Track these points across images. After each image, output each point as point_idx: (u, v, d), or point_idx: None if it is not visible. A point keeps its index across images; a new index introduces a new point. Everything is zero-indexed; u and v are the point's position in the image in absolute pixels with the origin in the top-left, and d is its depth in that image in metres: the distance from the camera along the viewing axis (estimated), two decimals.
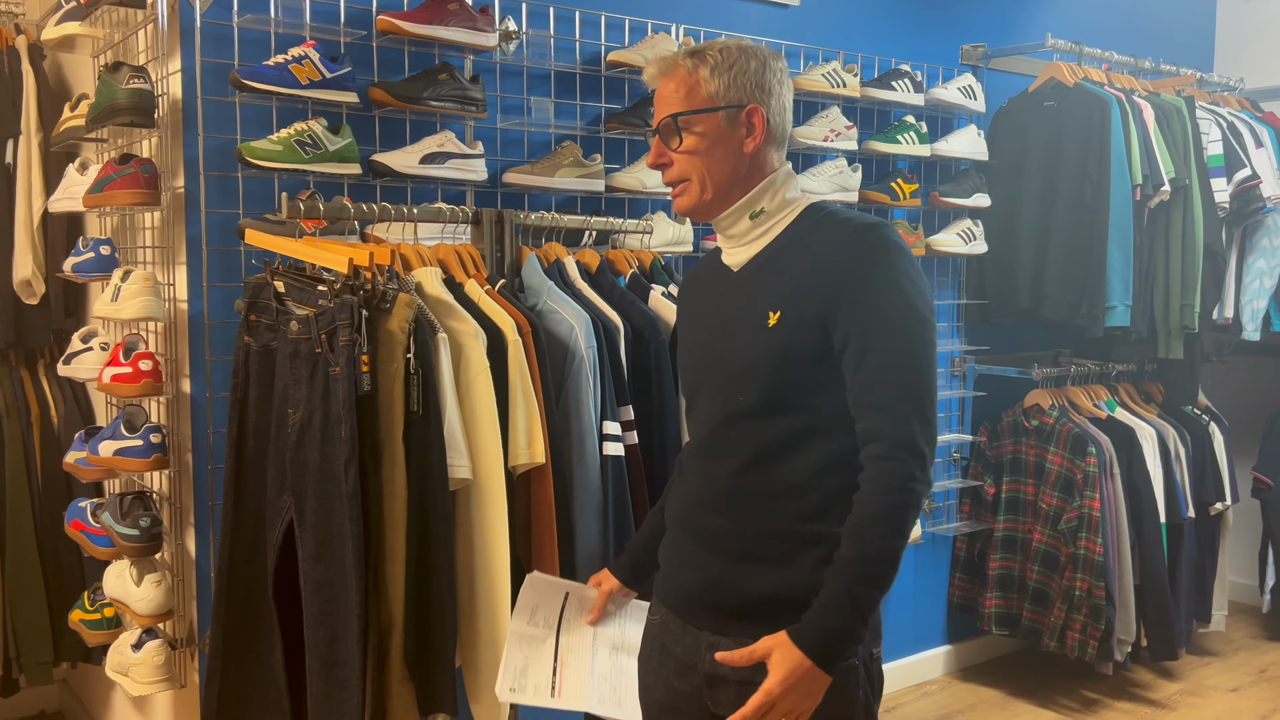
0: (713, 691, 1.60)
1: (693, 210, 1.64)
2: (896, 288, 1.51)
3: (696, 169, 1.61)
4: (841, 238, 1.55)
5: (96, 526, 2.49)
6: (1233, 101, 4.16)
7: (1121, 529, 3.60)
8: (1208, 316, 3.78)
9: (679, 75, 1.60)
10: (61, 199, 2.67)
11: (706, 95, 1.59)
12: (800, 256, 1.57)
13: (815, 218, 1.61)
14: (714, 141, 1.60)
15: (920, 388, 1.51)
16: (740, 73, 1.59)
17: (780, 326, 1.54)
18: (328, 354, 1.97)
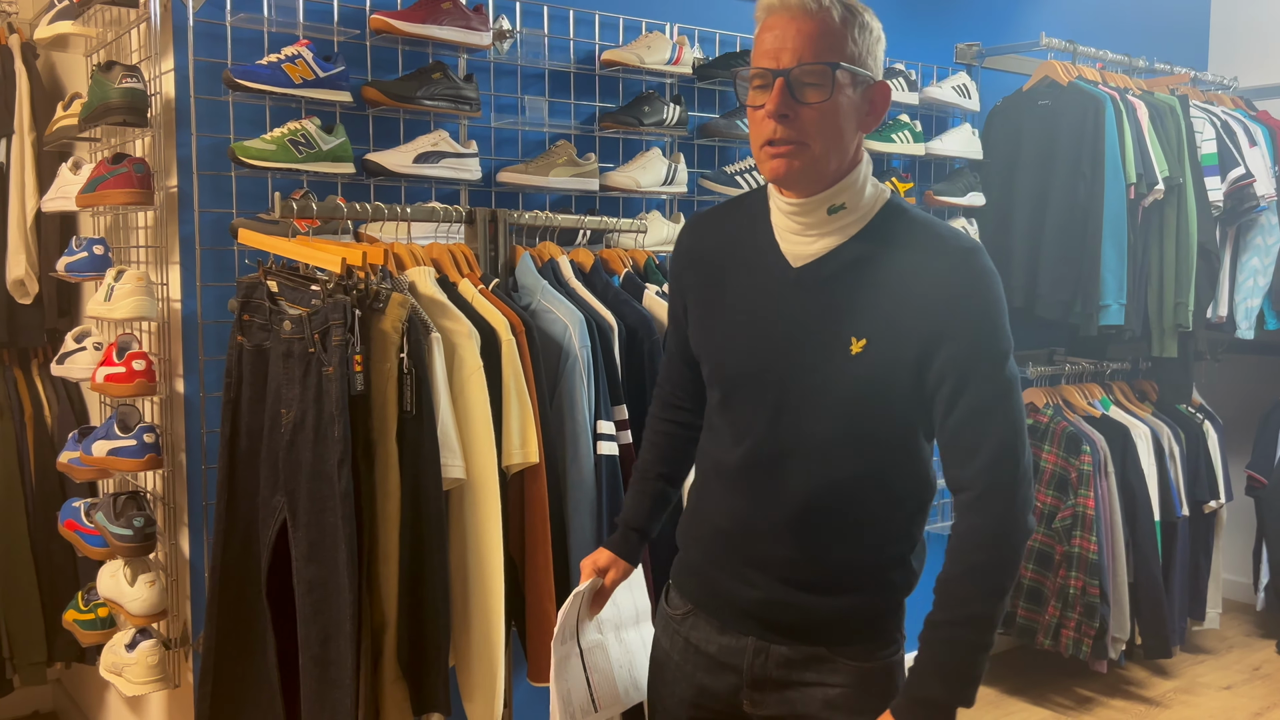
0: (755, 692, 1.55)
1: (798, 178, 1.41)
2: (995, 327, 1.40)
3: (825, 132, 1.39)
4: (939, 262, 1.40)
5: (90, 526, 2.48)
6: (1227, 100, 4.16)
7: (1116, 527, 3.61)
8: (1202, 315, 3.78)
9: (827, 20, 1.37)
10: (54, 198, 2.66)
11: (849, 54, 1.39)
12: (891, 276, 1.41)
13: (900, 223, 1.45)
14: (850, 109, 1.40)
15: (1014, 430, 1.39)
16: (876, 42, 1.43)
17: (867, 357, 1.41)
18: (321, 354, 1.97)
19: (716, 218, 1.62)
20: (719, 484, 1.57)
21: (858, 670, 1.52)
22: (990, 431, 1.38)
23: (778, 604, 1.52)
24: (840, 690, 1.51)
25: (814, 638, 1.52)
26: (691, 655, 1.60)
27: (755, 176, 3.09)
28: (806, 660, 1.52)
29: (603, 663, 1.78)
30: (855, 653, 1.52)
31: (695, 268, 1.59)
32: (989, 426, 1.38)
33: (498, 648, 2.13)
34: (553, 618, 2.20)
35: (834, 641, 1.51)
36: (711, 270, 1.56)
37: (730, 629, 1.56)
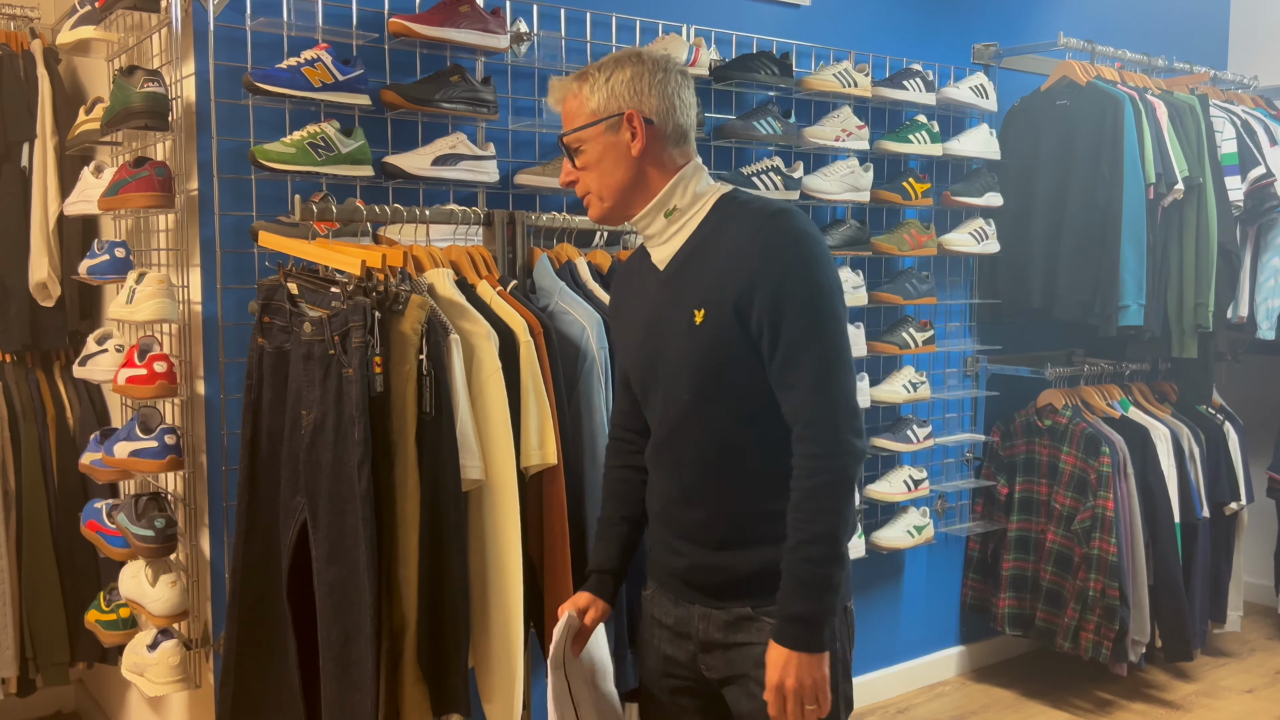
0: (705, 656, 1.74)
1: (601, 219, 1.72)
2: (802, 273, 1.56)
3: (594, 182, 1.69)
4: (747, 228, 1.60)
5: (112, 527, 2.50)
6: (1247, 99, 4.14)
7: (1135, 529, 3.59)
8: (1222, 315, 3.76)
9: (567, 97, 1.70)
10: (77, 202, 2.68)
11: (589, 111, 1.67)
12: (716, 251, 1.63)
13: (727, 209, 1.67)
14: (603, 152, 1.68)
15: (826, 364, 1.56)
16: (618, 82, 1.67)
17: (705, 324, 1.61)
18: (341, 355, 1.98)
19: (633, 255, 1.87)
20: (654, 473, 1.79)
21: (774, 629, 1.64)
22: (802, 367, 1.56)
23: (702, 567, 1.70)
24: (763, 647, 1.64)
25: (738, 597, 1.68)
26: (657, 629, 1.81)
27: (772, 178, 3.09)
28: (737, 621, 1.68)
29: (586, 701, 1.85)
30: (775, 611, 1.63)
31: (614, 297, 1.89)
32: (801, 362, 1.56)
33: (517, 649, 2.13)
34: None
35: (756, 599, 1.66)
36: (620, 296, 1.86)
37: (681, 601, 1.75)
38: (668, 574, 1.77)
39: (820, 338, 1.56)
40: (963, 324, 3.82)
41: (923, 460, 3.65)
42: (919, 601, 3.80)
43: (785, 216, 1.59)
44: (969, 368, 3.83)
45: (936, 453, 3.74)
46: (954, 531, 3.80)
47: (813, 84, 3.18)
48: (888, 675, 3.69)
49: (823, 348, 1.56)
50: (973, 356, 3.83)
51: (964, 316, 3.82)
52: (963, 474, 3.87)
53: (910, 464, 3.54)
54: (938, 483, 3.74)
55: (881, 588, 3.68)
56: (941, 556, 3.84)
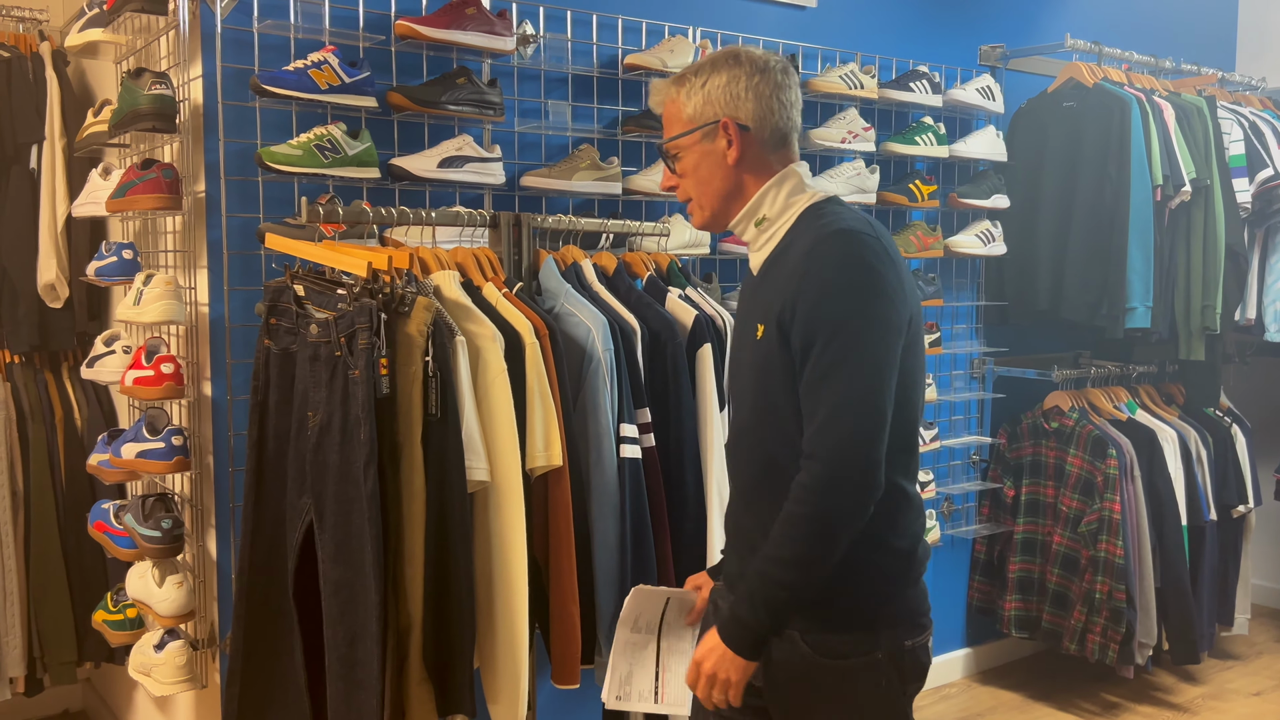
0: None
1: (703, 227, 1.73)
2: (838, 297, 1.50)
3: (693, 188, 1.68)
4: (805, 246, 1.56)
5: (119, 528, 2.51)
6: (1255, 101, 4.12)
7: (1142, 531, 3.58)
8: (1229, 317, 3.75)
9: (665, 103, 1.69)
10: (85, 204, 2.70)
11: (686, 117, 1.66)
12: (784, 267, 1.60)
13: (806, 222, 1.62)
14: (699, 160, 1.66)
15: (844, 399, 1.47)
16: (713, 87, 1.63)
17: (764, 340, 1.59)
18: (347, 357, 1.98)
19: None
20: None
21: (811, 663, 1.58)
22: (823, 398, 1.49)
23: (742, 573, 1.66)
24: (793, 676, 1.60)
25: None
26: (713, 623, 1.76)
27: None
28: (781, 641, 1.60)
29: (678, 667, 1.86)
30: (818, 642, 1.58)
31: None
32: (822, 393, 1.49)
33: (522, 650, 2.13)
34: (576, 620, 2.21)
35: (804, 623, 1.57)
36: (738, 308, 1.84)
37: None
38: (726, 575, 1.80)
39: (841, 371, 1.47)
40: (969, 326, 3.82)
41: (929, 462, 3.64)
42: None
43: (840, 239, 1.52)
44: (975, 370, 3.82)
45: (943, 455, 3.73)
46: (960, 534, 3.80)
47: (819, 86, 3.18)
48: None
49: (842, 383, 1.47)
50: (979, 358, 3.82)
51: (970, 318, 3.82)
52: (969, 476, 3.86)
53: None
54: (944, 485, 3.73)
55: None
56: (948, 559, 3.84)
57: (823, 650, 1.57)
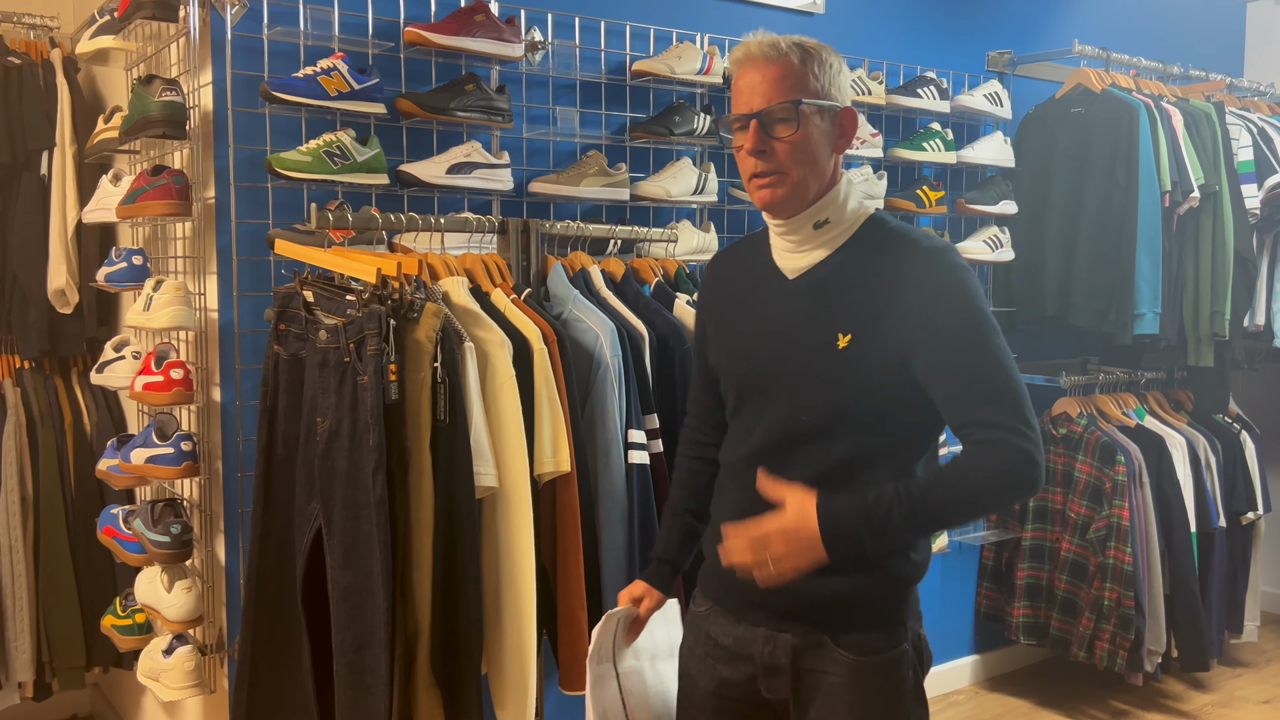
0: (769, 679, 1.65)
1: (782, 203, 1.58)
2: (971, 309, 1.52)
3: (800, 160, 1.56)
4: (914, 263, 1.54)
5: (128, 533, 2.52)
6: (1263, 107, 4.12)
7: (1151, 538, 3.57)
8: (1238, 324, 3.74)
9: (788, 63, 1.55)
10: (95, 210, 2.71)
11: (815, 90, 1.56)
12: (871, 278, 1.56)
13: (879, 233, 1.61)
14: (819, 136, 1.57)
15: (1021, 391, 1.50)
16: (836, 73, 1.59)
17: (852, 350, 1.54)
18: (356, 363, 1.99)
19: (732, 250, 1.81)
20: (730, 483, 1.71)
21: (854, 664, 1.59)
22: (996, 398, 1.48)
23: (779, 590, 1.58)
24: (839, 680, 1.59)
25: (816, 623, 1.61)
26: (712, 649, 1.71)
27: None
28: (810, 648, 1.61)
29: (638, 688, 1.83)
30: (854, 643, 1.59)
31: (714, 293, 1.78)
32: (993, 394, 1.49)
33: (529, 655, 2.14)
34: (584, 626, 2.21)
35: (835, 628, 1.60)
36: (726, 293, 1.75)
37: (743, 620, 1.67)
38: (730, 591, 1.68)
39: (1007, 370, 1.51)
40: None
41: None
42: (933, 610, 3.78)
43: (950, 254, 1.56)
44: None
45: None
46: (968, 540, 3.79)
47: None
48: None
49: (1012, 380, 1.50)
50: None
51: None
52: None
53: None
54: None
55: None
56: (956, 565, 3.83)
57: (858, 650, 1.60)
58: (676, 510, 1.83)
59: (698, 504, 1.81)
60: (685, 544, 1.82)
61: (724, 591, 1.70)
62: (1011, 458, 1.46)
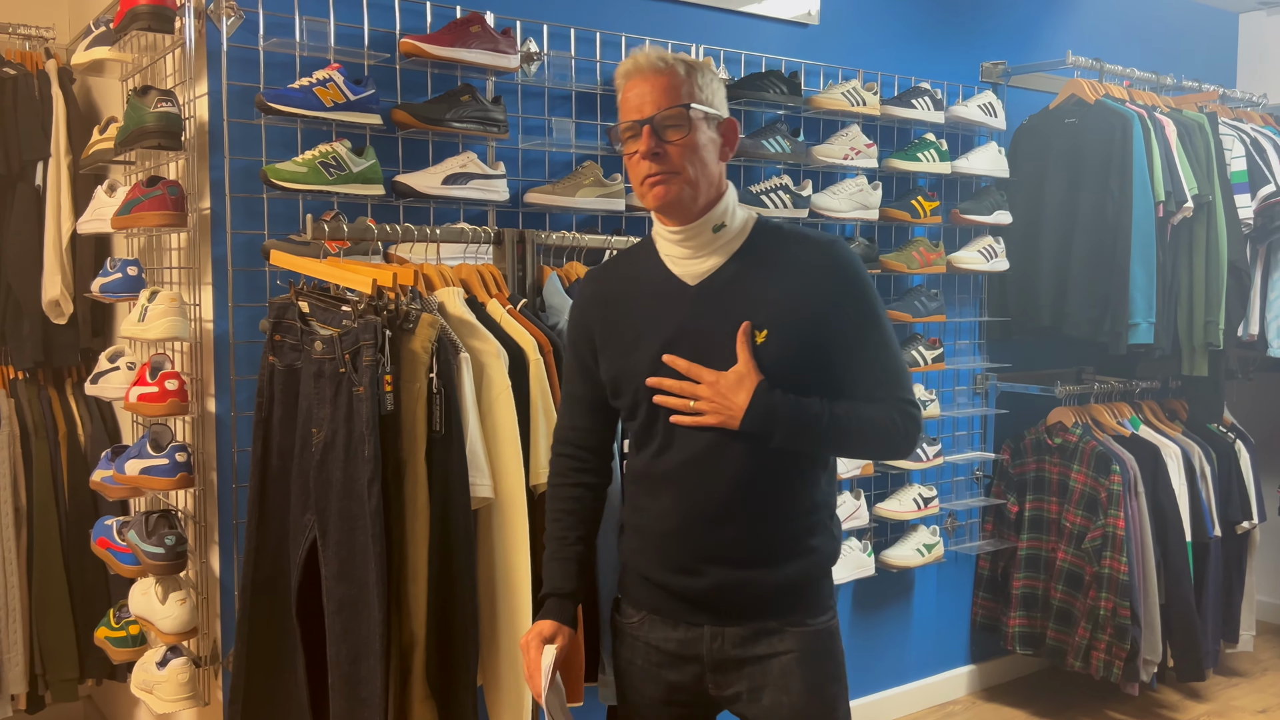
0: (718, 675, 1.73)
1: (675, 202, 1.66)
2: (870, 293, 1.71)
3: (690, 163, 1.65)
4: (815, 255, 1.69)
5: (122, 544, 2.51)
6: (1256, 117, 4.14)
7: (1146, 548, 3.57)
8: (1232, 333, 3.75)
9: (675, 74, 1.66)
10: (90, 220, 2.70)
11: (701, 99, 1.67)
12: (777, 275, 1.68)
13: (772, 235, 1.73)
14: (706, 142, 1.68)
15: (907, 369, 1.75)
16: (719, 88, 1.71)
17: (771, 344, 1.65)
18: (351, 374, 1.98)
19: (612, 268, 1.86)
20: (656, 493, 1.74)
21: (801, 634, 1.72)
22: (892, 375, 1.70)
23: (730, 586, 1.69)
24: (791, 655, 1.71)
25: (762, 612, 1.71)
26: (654, 655, 1.76)
27: (781, 196, 3.09)
28: (757, 635, 1.71)
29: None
30: (798, 620, 1.72)
31: (602, 309, 1.79)
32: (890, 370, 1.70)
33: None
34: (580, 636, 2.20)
35: (779, 613, 1.71)
36: (617, 308, 1.77)
37: (682, 624, 1.74)
38: (668, 597, 1.74)
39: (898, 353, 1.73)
40: (972, 342, 3.82)
41: (932, 478, 3.64)
42: (929, 620, 3.78)
43: (842, 244, 1.72)
44: (978, 385, 3.82)
45: (946, 470, 3.73)
46: (964, 550, 3.79)
47: (821, 103, 3.19)
48: (898, 694, 3.67)
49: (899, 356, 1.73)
50: (982, 374, 3.82)
51: (973, 334, 3.82)
52: (973, 492, 3.86)
53: (920, 482, 3.54)
54: (948, 501, 3.73)
55: (892, 606, 3.67)
56: (951, 575, 3.83)
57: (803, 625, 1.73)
58: (566, 540, 1.80)
59: (585, 531, 1.82)
60: (581, 574, 1.81)
61: (660, 600, 1.75)
62: (909, 421, 1.70)
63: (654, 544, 1.74)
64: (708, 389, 1.64)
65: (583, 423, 1.84)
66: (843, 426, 1.66)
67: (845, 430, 1.67)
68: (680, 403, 1.66)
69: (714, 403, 1.64)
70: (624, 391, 1.75)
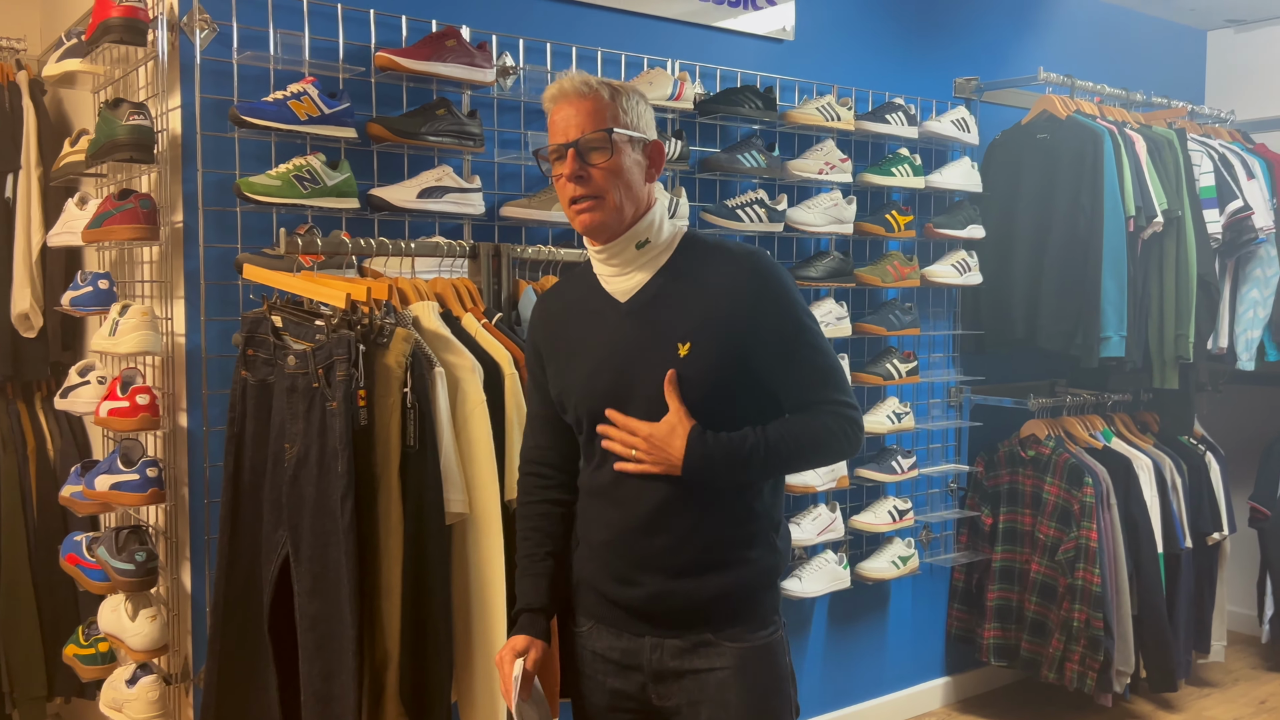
0: (659, 686, 1.74)
1: (601, 226, 1.71)
2: (792, 301, 1.72)
3: (615, 186, 1.69)
4: (736, 269, 1.71)
5: (92, 561, 2.48)
6: (1224, 133, 4.19)
7: (1119, 559, 3.60)
8: (1202, 346, 3.79)
9: (599, 98, 1.70)
10: (60, 233, 2.68)
11: (625, 122, 1.71)
12: (698, 289, 1.71)
13: (697, 248, 1.75)
14: (631, 165, 1.71)
15: (841, 370, 1.76)
16: (644, 110, 1.75)
17: (693, 357, 1.68)
18: (325, 388, 1.97)
19: (559, 288, 1.91)
20: (596, 504, 1.78)
21: (740, 651, 1.72)
22: (826, 377, 1.72)
23: (664, 596, 1.72)
24: (728, 671, 1.71)
25: (699, 623, 1.72)
26: (600, 664, 1.78)
27: (756, 210, 3.11)
28: (695, 647, 1.72)
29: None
30: (736, 635, 1.72)
31: (547, 329, 1.84)
32: (823, 373, 1.72)
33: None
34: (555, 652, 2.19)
35: (716, 625, 1.72)
36: (560, 328, 1.83)
37: (625, 633, 1.76)
38: (611, 606, 1.76)
39: (829, 353, 1.75)
40: (946, 355, 3.84)
41: (907, 491, 3.65)
42: (904, 632, 3.79)
43: (762, 256, 1.74)
44: (952, 398, 3.84)
45: (921, 483, 3.75)
46: (939, 562, 3.80)
47: (796, 117, 3.21)
48: (873, 707, 3.68)
49: (834, 360, 1.75)
50: (956, 387, 3.85)
51: (947, 347, 3.84)
52: (947, 504, 3.87)
53: (895, 494, 3.55)
54: (922, 513, 3.74)
55: (867, 618, 3.67)
56: (926, 587, 3.84)
57: (742, 640, 1.73)
58: (536, 556, 1.82)
59: (554, 546, 1.83)
60: (552, 589, 1.82)
61: (603, 608, 1.78)
62: (846, 423, 1.72)
63: (596, 554, 1.78)
64: (643, 441, 1.68)
65: (544, 440, 1.86)
66: (780, 453, 1.69)
67: (783, 455, 1.70)
68: (624, 450, 1.69)
69: (652, 454, 1.67)
70: (567, 408, 1.80)
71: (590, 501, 1.80)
